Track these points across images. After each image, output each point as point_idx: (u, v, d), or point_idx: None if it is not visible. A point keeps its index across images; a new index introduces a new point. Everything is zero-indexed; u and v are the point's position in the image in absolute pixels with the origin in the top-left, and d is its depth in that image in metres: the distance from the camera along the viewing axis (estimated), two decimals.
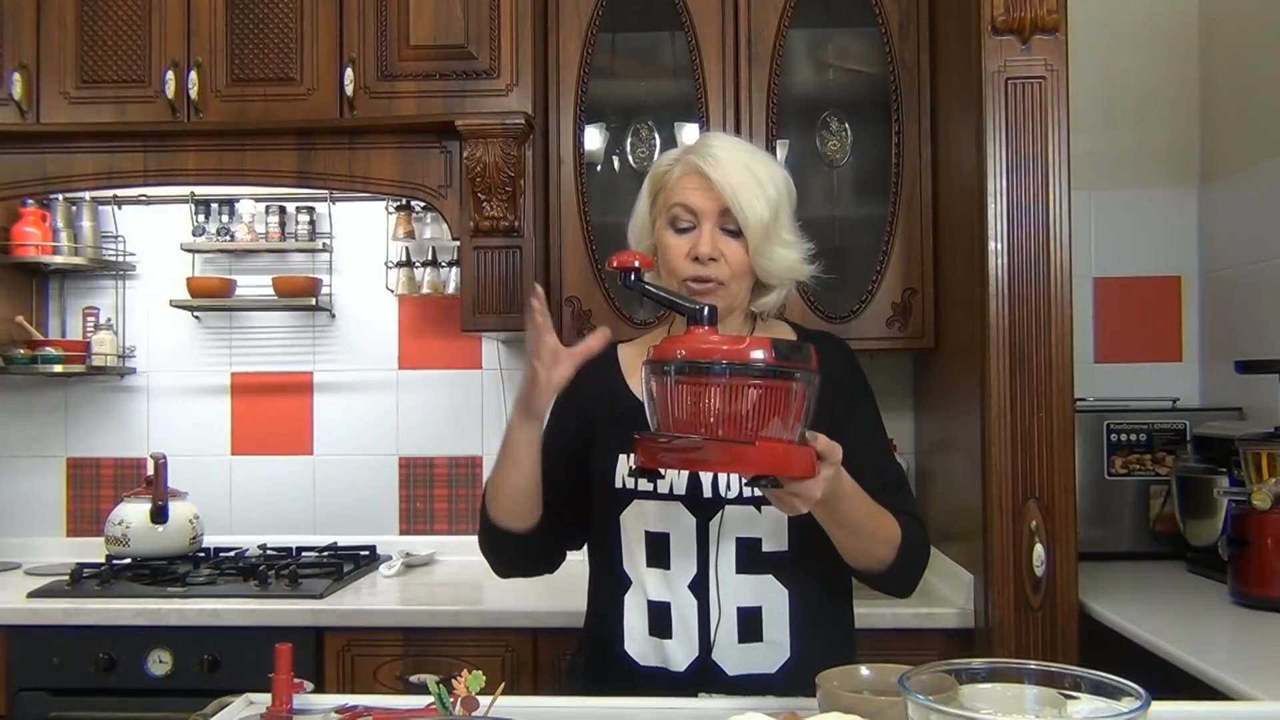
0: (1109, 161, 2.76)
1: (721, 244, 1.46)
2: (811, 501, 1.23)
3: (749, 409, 1.14)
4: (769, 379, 1.15)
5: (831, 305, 2.46)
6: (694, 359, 1.16)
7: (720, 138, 1.54)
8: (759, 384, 1.14)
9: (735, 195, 1.44)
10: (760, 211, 1.44)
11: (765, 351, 1.15)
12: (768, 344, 1.16)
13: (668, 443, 1.18)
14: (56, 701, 2.22)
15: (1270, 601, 1.97)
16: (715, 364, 1.15)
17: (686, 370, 1.16)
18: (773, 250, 1.48)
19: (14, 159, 2.50)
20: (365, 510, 2.88)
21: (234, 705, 1.35)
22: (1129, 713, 0.85)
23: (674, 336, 1.23)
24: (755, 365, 1.14)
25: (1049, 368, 1.95)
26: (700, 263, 1.45)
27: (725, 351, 1.15)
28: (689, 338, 1.21)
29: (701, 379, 1.15)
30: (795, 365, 1.17)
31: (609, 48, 2.58)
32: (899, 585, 1.51)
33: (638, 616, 1.49)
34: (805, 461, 1.18)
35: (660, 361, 1.18)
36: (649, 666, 1.48)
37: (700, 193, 1.46)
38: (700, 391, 1.15)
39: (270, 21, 2.44)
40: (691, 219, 1.47)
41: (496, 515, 1.50)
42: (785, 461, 1.16)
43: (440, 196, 2.45)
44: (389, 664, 2.20)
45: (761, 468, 1.16)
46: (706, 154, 1.47)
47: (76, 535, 2.91)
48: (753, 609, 1.46)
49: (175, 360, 2.93)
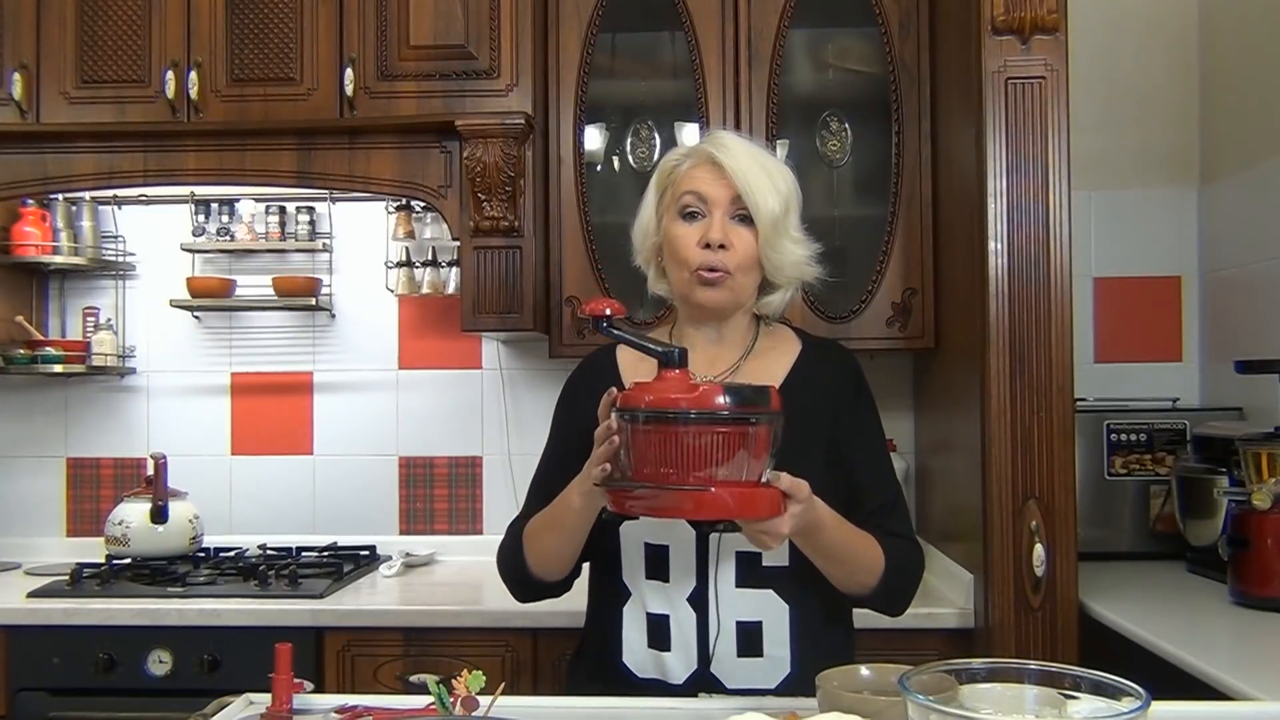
0: (1109, 161, 2.76)
1: (732, 232, 1.46)
2: (780, 538, 1.27)
3: (713, 454, 1.18)
4: (732, 425, 1.19)
5: (831, 305, 2.46)
6: (659, 408, 1.20)
7: (728, 133, 1.55)
8: (724, 430, 1.19)
9: (748, 183, 1.44)
10: (771, 203, 1.45)
11: (727, 398, 1.19)
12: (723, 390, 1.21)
13: (634, 491, 1.23)
14: (56, 701, 2.22)
15: (1270, 601, 1.97)
16: (680, 413, 1.19)
17: (653, 419, 1.21)
18: (782, 244, 1.48)
19: (14, 159, 2.50)
20: (365, 510, 2.88)
21: (234, 705, 1.35)
22: (1129, 713, 0.85)
23: (643, 383, 1.26)
24: (718, 413, 1.19)
25: (1049, 368, 1.95)
26: (710, 250, 1.45)
27: (688, 400, 1.19)
28: (657, 384, 1.24)
29: (666, 427, 1.19)
30: (757, 410, 1.21)
31: (609, 48, 2.58)
32: (886, 607, 1.52)
33: (636, 629, 1.48)
34: (769, 502, 1.23)
35: (627, 409, 1.23)
36: (647, 678, 1.47)
37: (712, 181, 1.46)
38: (666, 438, 1.19)
39: (270, 21, 2.44)
40: (702, 207, 1.47)
41: (536, 569, 1.51)
42: (750, 504, 1.21)
43: (440, 196, 2.45)
44: (389, 664, 2.20)
45: (727, 512, 1.21)
46: (718, 144, 1.48)
47: (76, 535, 2.91)
48: (753, 624, 1.45)
49: (175, 360, 2.93)
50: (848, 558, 1.42)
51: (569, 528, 1.44)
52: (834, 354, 1.61)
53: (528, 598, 1.57)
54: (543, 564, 1.51)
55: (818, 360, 1.58)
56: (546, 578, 1.52)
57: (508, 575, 1.56)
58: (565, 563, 1.50)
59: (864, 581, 1.45)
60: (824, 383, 1.54)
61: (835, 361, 1.59)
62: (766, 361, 1.55)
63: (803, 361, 1.56)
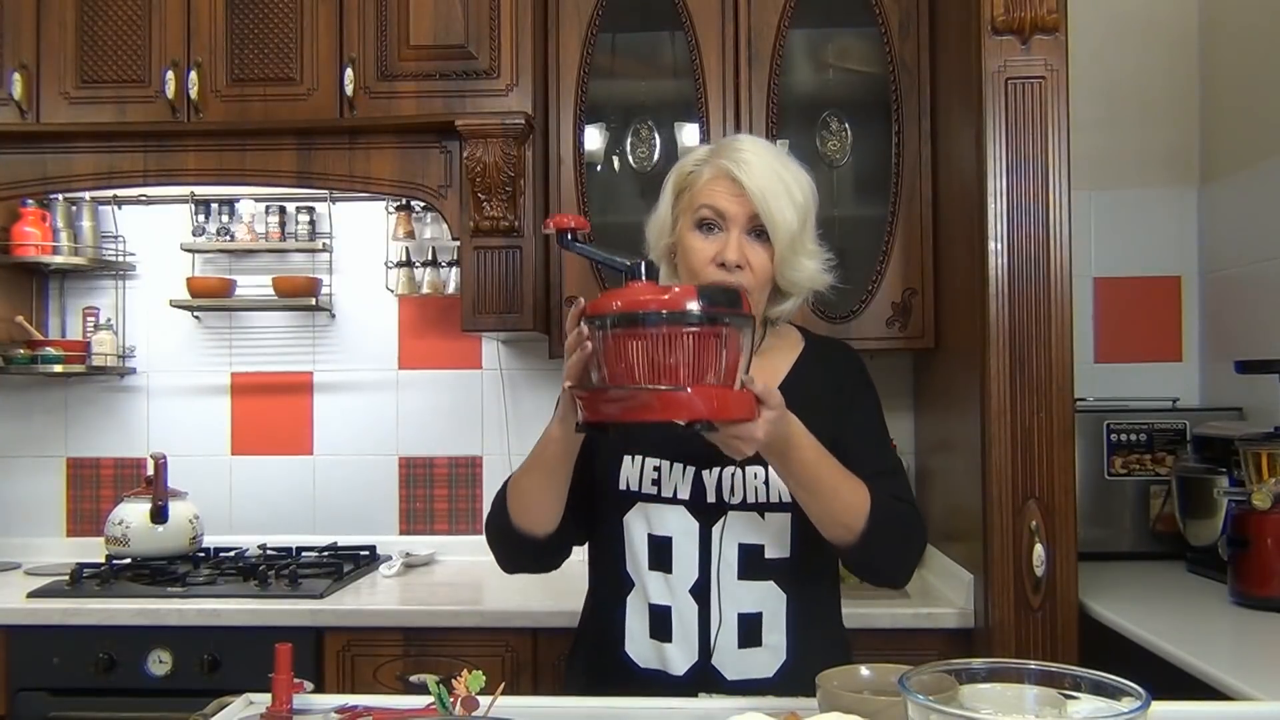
0: (1109, 161, 2.76)
1: (748, 251, 1.45)
2: (754, 442, 1.25)
3: (685, 356, 1.17)
4: (703, 326, 1.18)
5: (831, 305, 2.46)
6: (628, 310, 1.19)
7: (748, 140, 1.52)
8: (693, 331, 1.17)
9: (766, 203, 1.42)
10: (789, 220, 1.43)
11: (697, 300, 1.18)
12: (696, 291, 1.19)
13: (606, 394, 1.21)
14: (56, 701, 2.22)
15: (1270, 601, 1.97)
16: (649, 314, 1.18)
17: (622, 323, 1.19)
18: (798, 260, 1.47)
19: (14, 159, 2.50)
20: (365, 510, 2.88)
21: (234, 705, 1.35)
22: (1129, 713, 0.85)
23: (610, 290, 1.25)
24: (689, 313, 1.17)
25: (1049, 368, 1.95)
26: (726, 269, 1.44)
27: (658, 302, 1.18)
28: (625, 291, 1.23)
29: (636, 330, 1.18)
30: (728, 311, 1.20)
31: (609, 48, 2.58)
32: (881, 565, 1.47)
33: (639, 619, 1.49)
34: (743, 404, 1.22)
35: (597, 315, 1.21)
36: (649, 669, 1.48)
37: (730, 197, 1.44)
38: (636, 342, 1.18)
39: (270, 21, 2.44)
40: (719, 221, 1.46)
41: (517, 518, 1.47)
42: (722, 405, 1.20)
43: (440, 196, 2.45)
44: (389, 664, 2.20)
45: (698, 413, 1.19)
46: (738, 158, 1.45)
47: (76, 535, 2.91)
48: (753, 615, 1.46)
49: (175, 360, 2.93)
50: (825, 489, 1.37)
51: (550, 463, 1.41)
52: (838, 350, 1.62)
53: (512, 560, 1.53)
54: (526, 512, 1.46)
55: (821, 356, 1.58)
56: (530, 529, 1.46)
57: (493, 534, 1.52)
58: (547, 510, 1.45)
59: (846, 522, 1.39)
60: (826, 375, 1.55)
61: (838, 356, 1.60)
62: (771, 358, 1.56)
63: (806, 357, 1.57)
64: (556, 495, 1.44)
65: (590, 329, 1.23)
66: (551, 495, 1.44)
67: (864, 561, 1.45)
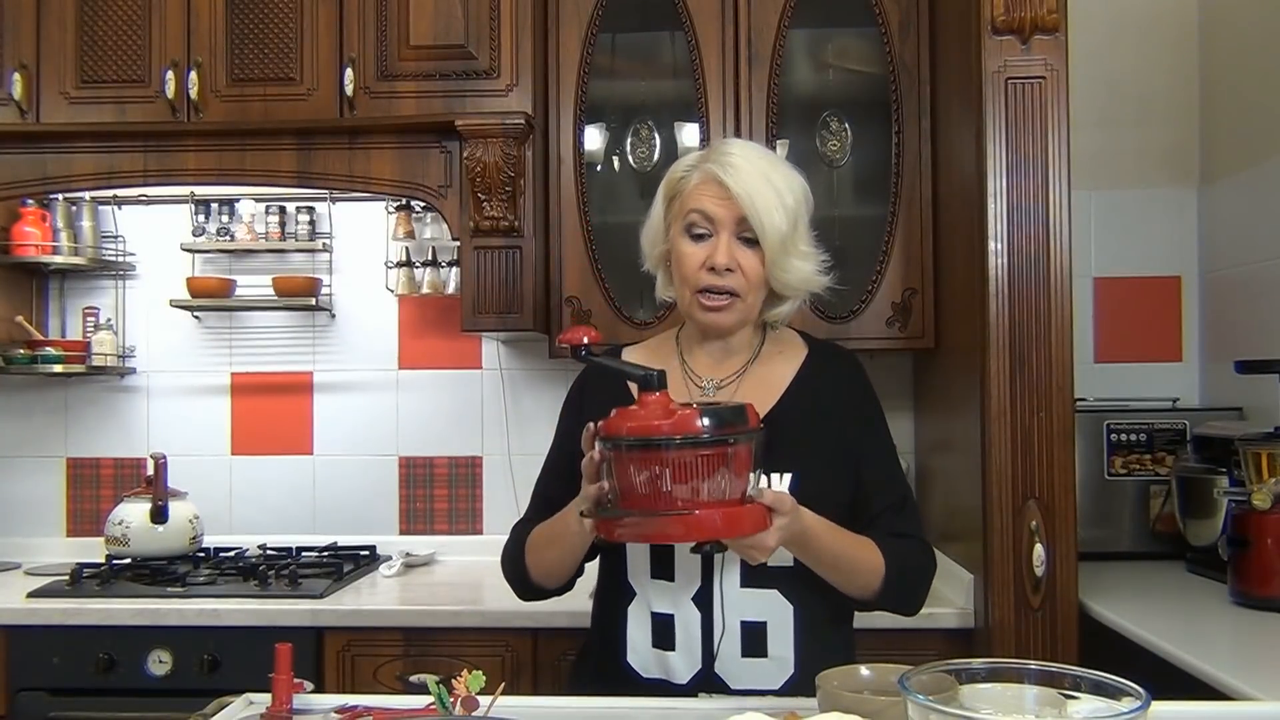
0: (1109, 161, 2.76)
1: (738, 254, 1.45)
2: (768, 551, 1.28)
3: (696, 477, 1.21)
4: (713, 447, 1.21)
5: (831, 305, 2.46)
6: (641, 435, 1.22)
7: (738, 144, 1.51)
8: (705, 453, 1.21)
9: (754, 205, 1.42)
10: (778, 223, 1.43)
11: (706, 420, 1.21)
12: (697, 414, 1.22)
13: (620, 519, 1.25)
14: (56, 701, 2.22)
15: (1270, 601, 1.97)
16: (661, 440, 1.21)
17: (635, 446, 1.23)
18: (789, 262, 1.47)
19: (14, 159, 2.50)
20: (365, 510, 2.88)
21: (234, 705, 1.35)
22: (1129, 713, 0.85)
23: (624, 410, 1.27)
24: (698, 437, 1.21)
25: (1049, 368, 1.95)
26: (716, 273, 1.44)
27: (668, 427, 1.21)
28: (638, 412, 1.25)
29: (648, 453, 1.22)
30: (736, 430, 1.23)
31: (609, 48, 2.58)
32: (896, 607, 1.53)
33: (640, 628, 1.48)
34: (755, 518, 1.25)
35: (609, 439, 1.25)
36: (651, 678, 1.47)
37: (718, 201, 1.44)
38: (648, 464, 1.22)
39: (270, 21, 2.44)
40: (708, 227, 1.46)
41: (535, 576, 1.54)
42: (733, 523, 1.23)
43: (440, 196, 2.45)
44: (389, 664, 2.20)
45: (714, 533, 1.23)
46: (725, 162, 1.45)
47: (76, 535, 2.91)
48: (757, 624, 1.45)
49: (175, 360, 2.93)
50: (844, 564, 1.42)
51: (568, 546, 1.46)
52: (840, 358, 1.61)
53: (529, 598, 1.59)
54: (544, 575, 1.53)
55: (824, 364, 1.57)
56: (548, 585, 1.55)
57: (510, 578, 1.58)
58: (566, 574, 1.53)
59: (866, 585, 1.45)
60: (830, 387, 1.54)
61: (842, 366, 1.59)
62: (772, 366, 1.55)
63: (809, 366, 1.56)
64: (574, 563, 1.51)
65: (603, 450, 1.27)
66: (570, 564, 1.51)
67: (881, 608, 1.51)
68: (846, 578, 1.44)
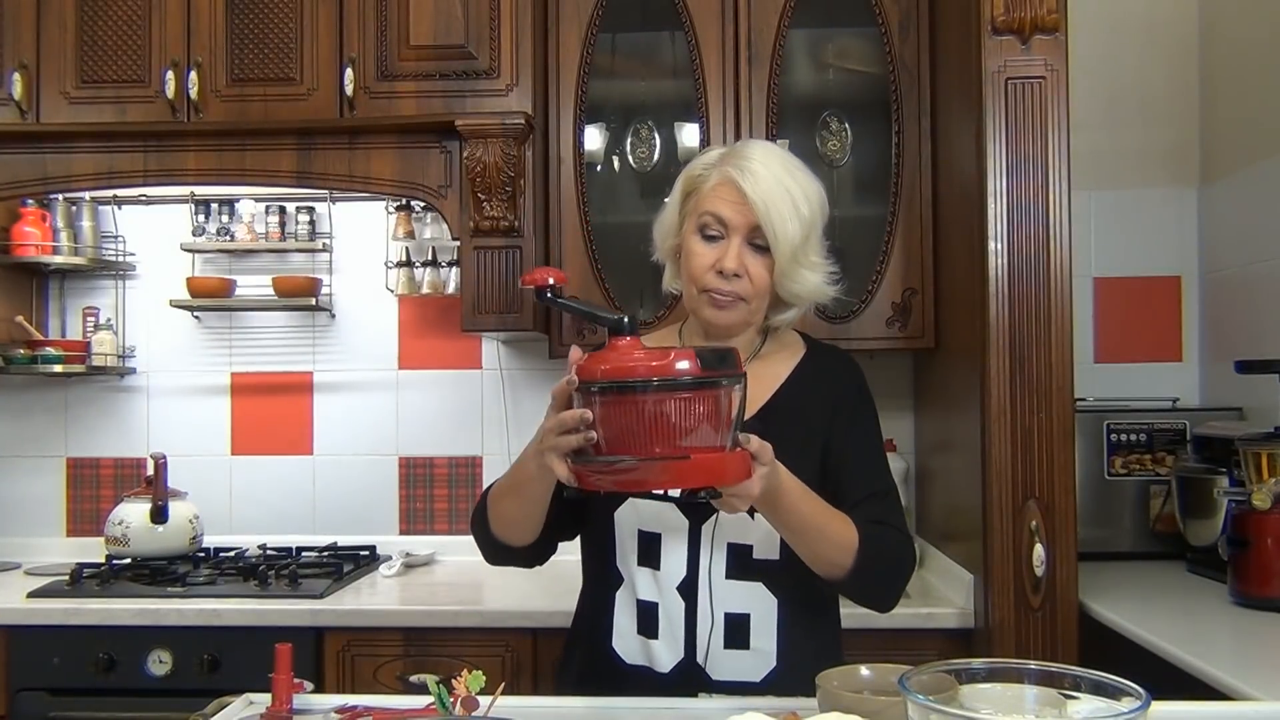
0: (1109, 161, 2.76)
1: (748, 260, 1.44)
2: (750, 499, 1.24)
3: (679, 422, 1.13)
4: (697, 390, 1.13)
5: (831, 305, 2.45)
6: (619, 378, 1.14)
7: (759, 149, 1.49)
8: (687, 396, 1.13)
9: (768, 214, 1.41)
10: (791, 233, 1.42)
11: (690, 362, 1.13)
12: (692, 355, 1.14)
13: (601, 465, 1.16)
14: (56, 701, 2.22)
15: (1270, 601, 1.97)
16: (641, 381, 1.13)
17: (613, 389, 1.14)
18: (799, 273, 1.47)
19: (14, 159, 2.50)
20: (365, 510, 2.88)
21: (234, 705, 1.35)
22: (1129, 713, 0.85)
23: (597, 353, 1.19)
24: (682, 379, 1.13)
25: (1049, 368, 1.95)
26: (723, 277, 1.44)
27: (650, 368, 1.13)
28: (612, 354, 1.18)
29: (628, 396, 1.13)
30: (721, 373, 1.16)
31: (609, 48, 2.58)
32: (869, 596, 1.49)
33: (626, 615, 1.48)
34: (740, 466, 1.19)
35: (585, 382, 1.16)
36: (634, 665, 1.47)
37: (733, 205, 1.44)
38: (629, 409, 1.13)
39: (270, 21, 2.44)
40: (721, 230, 1.45)
41: (499, 531, 1.48)
42: (720, 470, 1.16)
43: (440, 196, 2.45)
44: (389, 664, 2.20)
45: (698, 480, 1.16)
46: (744, 167, 1.44)
47: (76, 535, 2.91)
48: (741, 615, 1.45)
49: (175, 360, 2.93)
50: (812, 531, 1.38)
51: (527, 494, 1.40)
52: (836, 358, 1.61)
53: (496, 560, 1.53)
54: (505, 529, 1.47)
55: (820, 363, 1.58)
56: (510, 541, 1.48)
57: (476, 536, 1.53)
58: (526, 529, 1.46)
59: (836, 561, 1.40)
60: (825, 384, 1.55)
61: (838, 365, 1.59)
62: (771, 362, 1.56)
63: (805, 364, 1.57)
64: (535, 516, 1.44)
65: (577, 394, 1.18)
66: (530, 516, 1.44)
67: (852, 593, 1.47)
68: (816, 547, 1.40)
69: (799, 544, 1.40)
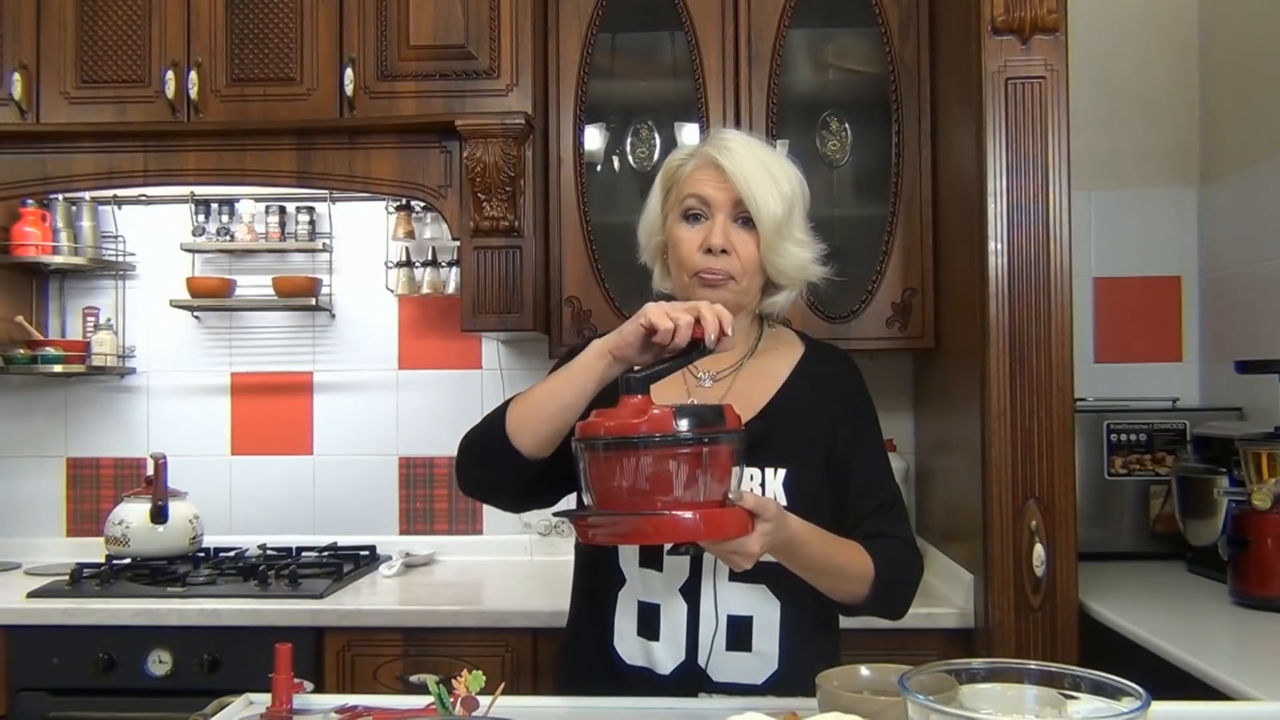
0: (1109, 161, 2.76)
1: (734, 236, 1.45)
2: (752, 558, 1.25)
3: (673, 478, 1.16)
4: (691, 446, 1.17)
5: (831, 305, 2.46)
6: (617, 434, 1.18)
7: (734, 133, 1.53)
8: (683, 452, 1.17)
9: (749, 187, 1.43)
10: (774, 206, 1.44)
11: (684, 420, 1.17)
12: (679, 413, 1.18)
13: (598, 520, 1.21)
14: (56, 701, 2.22)
15: (1270, 601, 1.97)
16: (638, 439, 1.17)
17: (611, 446, 1.18)
18: (785, 247, 1.47)
19: (14, 159, 2.50)
20: (365, 510, 2.88)
21: (234, 705, 1.35)
22: (1129, 713, 0.85)
23: (603, 410, 1.23)
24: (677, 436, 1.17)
25: (1049, 368, 1.95)
26: (712, 254, 1.45)
27: (646, 424, 1.17)
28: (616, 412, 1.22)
29: (625, 453, 1.17)
30: (716, 430, 1.19)
31: (609, 48, 2.58)
32: (883, 612, 1.51)
33: (628, 616, 1.48)
34: (737, 522, 1.21)
35: (585, 438, 1.21)
36: (635, 666, 1.47)
37: (714, 183, 1.45)
38: (625, 465, 1.17)
39: (270, 21, 2.44)
40: (704, 209, 1.46)
41: (517, 433, 1.38)
42: (713, 525, 1.18)
43: (440, 196, 2.45)
44: (389, 664, 2.20)
45: (693, 535, 1.18)
46: (721, 146, 1.46)
47: (76, 535, 2.91)
48: (743, 618, 1.45)
49: (175, 360, 2.93)
50: (831, 570, 1.41)
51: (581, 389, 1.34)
52: (837, 358, 1.61)
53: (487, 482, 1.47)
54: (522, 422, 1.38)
55: (820, 363, 1.58)
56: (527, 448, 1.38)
57: (477, 450, 1.46)
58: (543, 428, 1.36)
59: (854, 591, 1.44)
60: (826, 385, 1.55)
61: (838, 366, 1.59)
62: (769, 361, 1.55)
63: (805, 363, 1.56)
64: (557, 417, 1.36)
65: (578, 451, 1.21)
66: (553, 415, 1.36)
67: (867, 612, 1.49)
68: (834, 584, 1.43)
69: (818, 583, 1.42)
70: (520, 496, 1.50)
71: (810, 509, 1.38)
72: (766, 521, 1.23)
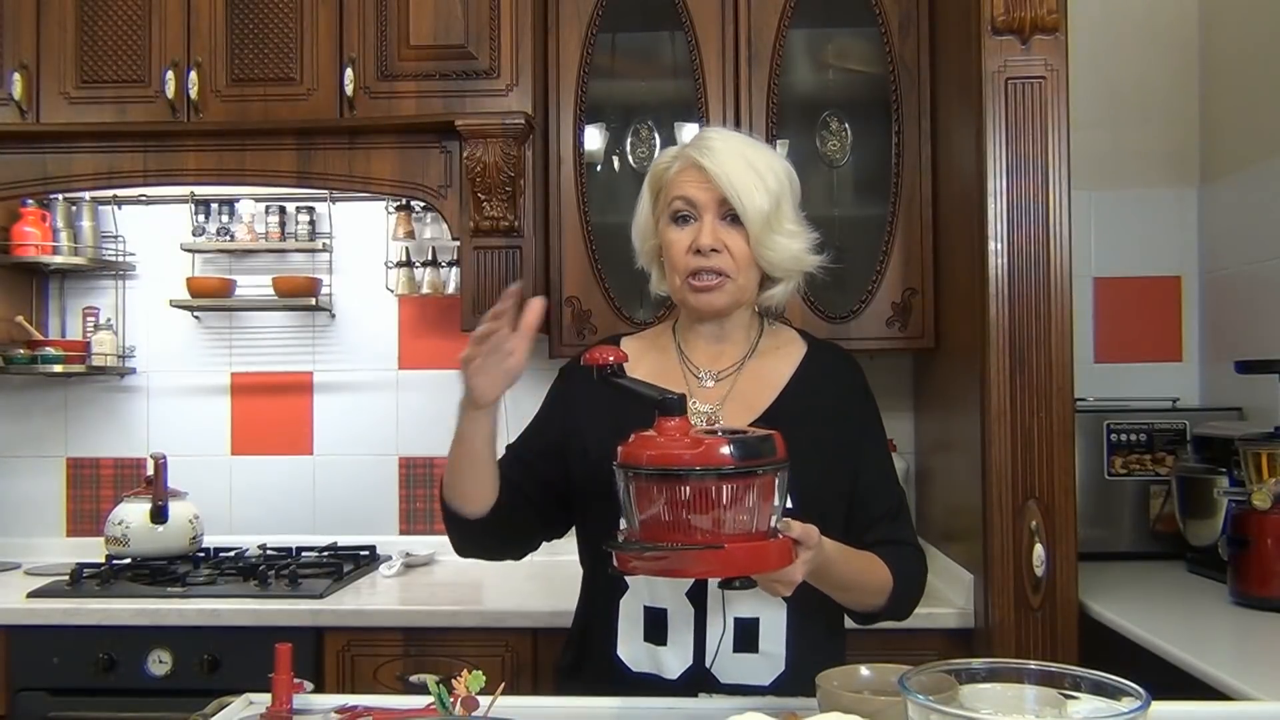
0: (1109, 161, 2.76)
1: (723, 234, 1.45)
2: (794, 585, 1.24)
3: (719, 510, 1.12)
4: (740, 478, 1.13)
5: (831, 305, 2.46)
6: (662, 465, 1.14)
7: (717, 131, 1.54)
8: (731, 484, 1.13)
9: (732, 185, 1.43)
10: (759, 201, 1.44)
11: (732, 449, 1.13)
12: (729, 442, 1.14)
13: (639, 551, 1.16)
14: (56, 701, 2.22)
15: (1270, 601, 1.97)
16: (682, 470, 1.13)
17: (654, 476, 1.14)
18: (774, 240, 1.46)
19: (14, 159, 2.50)
20: (365, 510, 2.88)
21: (234, 705, 1.35)
22: (1129, 713, 0.85)
23: (644, 435, 1.19)
24: (722, 468, 1.12)
25: (1049, 368, 1.95)
26: (702, 255, 1.45)
27: (693, 456, 1.13)
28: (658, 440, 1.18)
29: (667, 483, 1.13)
30: (764, 461, 1.15)
31: (609, 48, 2.58)
32: (893, 617, 1.53)
33: (632, 622, 1.47)
34: (782, 553, 1.18)
35: (629, 466, 1.17)
36: (641, 673, 1.46)
37: (698, 184, 1.46)
38: (667, 495, 1.13)
39: (270, 21, 2.44)
40: (692, 210, 1.47)
41: (449, 498, 1.50)
42: (762, 558, 1.16)
43: (440, 196, 2.45)
44: (389, 664, 2.20)
45: (736, 569, 1.15)
46: (702, 147, 1.47)
47: (76, 535, 2.91)
48: (750, 620, 1.45)
49: (175, 360, 2.93)
50: (856, 587, 1.43)
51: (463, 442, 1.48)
52: (840, 358, 1.61)
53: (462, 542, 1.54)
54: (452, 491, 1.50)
55: (823, 362, 1.57)
56: (463, 511, 1.49)
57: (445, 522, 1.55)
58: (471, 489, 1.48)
59: (873, 603, 1.47)
60: (830, 385, 1.55)
61: (841, 365, 1.59)
62: (770, 361, 1.55)
63: (808, 363, 1.56)
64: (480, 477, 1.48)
65: (620, 476, 1.18)
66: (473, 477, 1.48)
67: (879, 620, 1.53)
68: (858, 599, 1.46)
69: (842, 599, 1.44)
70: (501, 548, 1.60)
71: (816, 512, 1.37)
72: (809, 549, 1.23)
